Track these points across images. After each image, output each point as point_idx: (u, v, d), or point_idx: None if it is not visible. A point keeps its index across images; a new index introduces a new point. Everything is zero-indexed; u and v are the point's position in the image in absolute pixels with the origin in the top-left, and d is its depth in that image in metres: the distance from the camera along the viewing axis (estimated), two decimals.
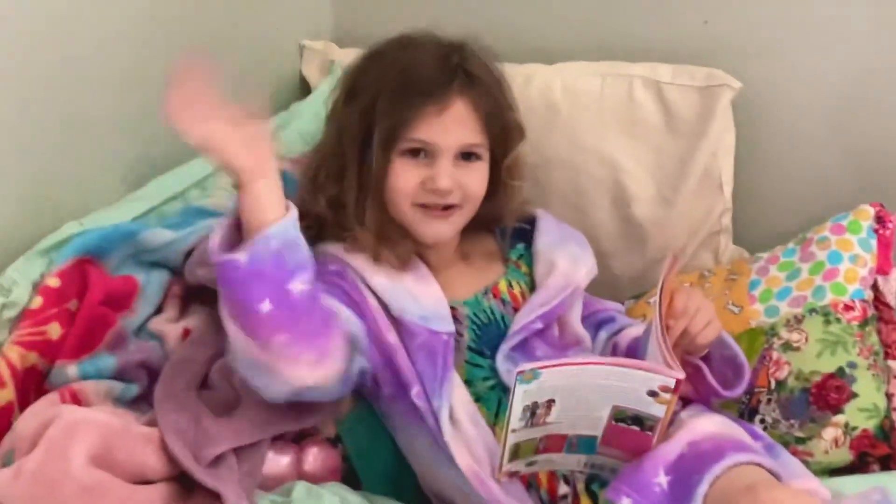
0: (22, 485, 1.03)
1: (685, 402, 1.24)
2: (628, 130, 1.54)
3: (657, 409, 1.07)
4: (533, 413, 1.09)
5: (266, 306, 1.07)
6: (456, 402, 1.19)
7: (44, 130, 1.35)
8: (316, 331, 1.13)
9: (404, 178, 1.22)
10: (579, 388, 1.08)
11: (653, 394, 1.07)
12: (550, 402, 1.09)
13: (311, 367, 1.13)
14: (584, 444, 1.13)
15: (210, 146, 1.07)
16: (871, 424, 1.26)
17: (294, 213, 1.10)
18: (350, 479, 1.25)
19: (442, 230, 1.24)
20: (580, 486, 1.16)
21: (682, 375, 1.07)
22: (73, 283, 1.24)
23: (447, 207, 1.24)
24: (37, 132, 1.35)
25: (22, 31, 1.28)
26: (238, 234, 1.10)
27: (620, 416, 1.10)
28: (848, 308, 1.32)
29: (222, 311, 1.11)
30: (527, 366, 1.05)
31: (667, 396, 1.06)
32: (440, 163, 1.21)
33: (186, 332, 1.28)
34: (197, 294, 1.31)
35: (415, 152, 1.23)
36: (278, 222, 1.07)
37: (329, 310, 1.15)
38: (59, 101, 1.37)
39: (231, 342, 1.12)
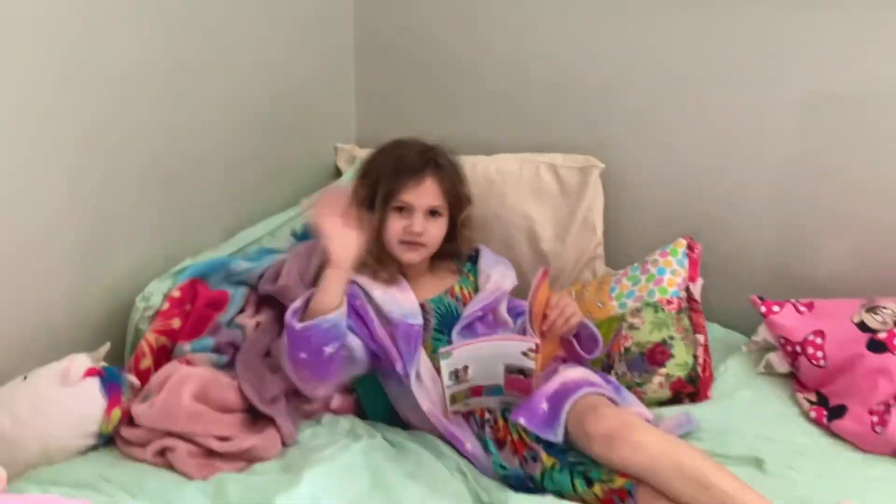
0: (153, 412, 1.12)
1: (564, 360, 1.28)
2: (536, 196, 1.55)
3: (530, 364, 1.14)
4: (457, 376, 1.16)
5: (303, 355, 1.17)
6: (422, 368, 1.24)
7: (171, 193, 1.40)
8: (328, 375, 1.22)
9: (394, 225, 1.29)
10: (480, 357, 1.16)
11: (525, 354, 1.13)
12: (466, 368, 1.16)
13: (318, 390, 1.24)
14: (495, 390, 1.20)
15: (328, 235, 1.20)
16: (683, 374, 1.31)
17: (345, 307, 1.20)
18: (360, 414, 1.31)
19: (413, 257, 1.31)
20: (498, 414, 1.21)
21: (537, 341, 1.13)
22: (188, 295, 1.31)
23: (420, 244, 1.31)
24: (165, 194, 1.40)
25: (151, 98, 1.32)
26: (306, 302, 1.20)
27: (511, 370, 1.16)
28: (669, 302, 1.36)
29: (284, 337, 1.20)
30: (444, 349, 1.14)
31: (533, 355, 1.13)
32: (415, 216, 1.29)
33: (258, 324, 1.33)
34: (265, 301, 1.37)
35: (400, 209, 1.30)
36: (334, 313, 1.17)
37: (341, 358, 1.21)
38: (181, 179, 1.42)
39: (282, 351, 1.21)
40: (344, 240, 1.21)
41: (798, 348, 1.28)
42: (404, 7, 1.70)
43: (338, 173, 1.75)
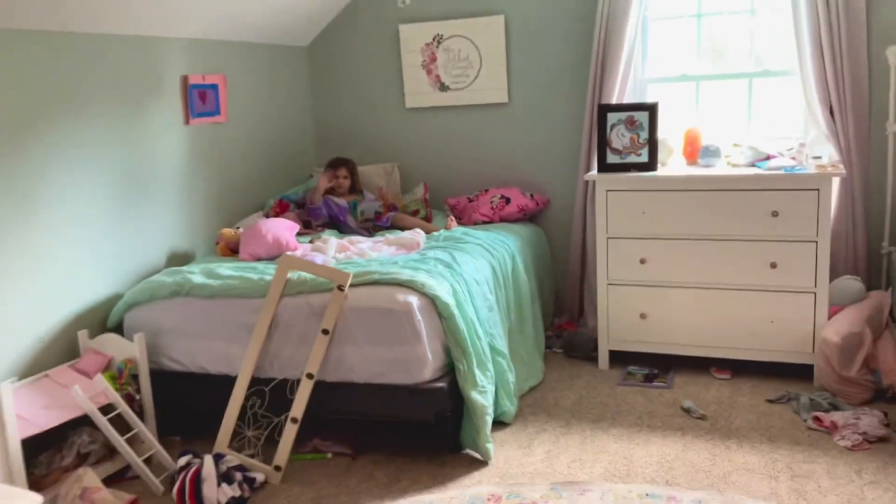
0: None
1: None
2: (381, 177, 4.60)
3: (380, 210, 4.16)
4: (361, 213, 4.24)
5: (316, 216, 4.21)
6: (349, 218, 4.26)
7: (270, 176, 4.41)
8: (320, 218, 4.22)
9: (333, 182, 4.35)
10: (366, 209, 4.17)
11: (379, 207, 4.18)
12: (363, 211, 4.21)
13: (320, 225, 4.21)
14: (371, 219, 4.20)
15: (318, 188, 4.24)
16: (423, 217, 4.42)
17: (321, 202, 4.25)
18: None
19: (340, 192, 4.35)
20: (372, 224, 4.28)
21: (381, 203, 4.24)
22: (278, 204, 4.25)
23: (340, 187, 4.37)
24: (266, 178, 4.41)
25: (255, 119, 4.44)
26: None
27: (376, 213, 4.16)
28: (420, 199, 4.48)
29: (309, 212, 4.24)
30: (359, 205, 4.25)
31: (381, 208, 4.19)
32: (340, 179, 4.32)
33: (299, 211, 4.31)
34: (299, 205, 4.34)
35: (335, 176, 4.36)
36: (317, 205, 4.23)
37: (323, 216, 4.21)
38: (264, 177, 4.42)
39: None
40: (321, 185, 4.27)
41: (455, 207, 4.47)
42: (330, 95, 4.85)
43: (311, 178, 4.77)
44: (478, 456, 3.01)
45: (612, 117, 3.83)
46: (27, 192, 2.96)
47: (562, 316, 4.53)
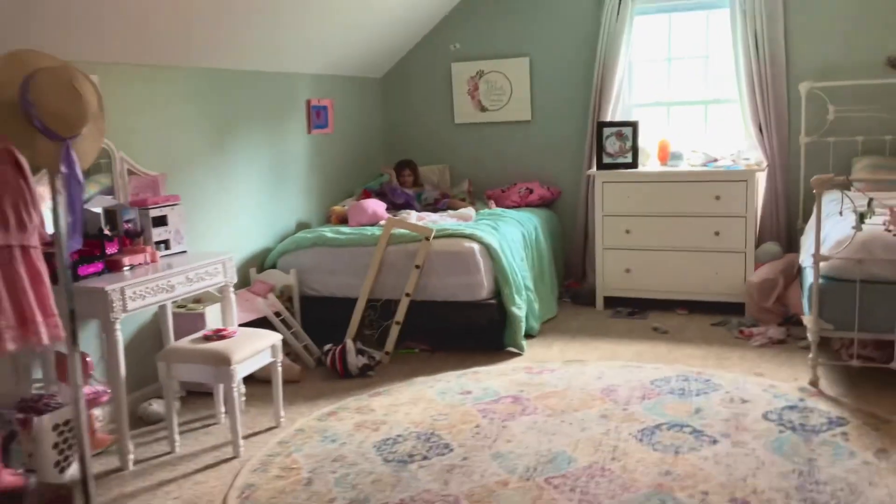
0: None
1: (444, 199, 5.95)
2: (436, 176, 6.24)
3: (437, 196, 5.81)
4: (426, 200, 5.81)
5: (399, 197, 5.77)
6: (415, 203, 5.83)
7: (359, 171, 5.97)
8: (397, 201, 5.77)
9: (400, 179, 5.93)
10: (428, 196, 5.78)
11: (437, 195, 5.80)
12: (426, 197, 5.82)
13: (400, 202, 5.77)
14: (432, 203, 5.82)
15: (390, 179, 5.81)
16: (462, 202, 5.98)
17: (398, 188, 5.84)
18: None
19: (407, 186, 5.93)
20: (434, 206, 5.83)
21: (439, 192, 5.82)
22: (364, 192, 5.82)
23: (406, 183, 5.92)
24: (361, 171, 5.97)
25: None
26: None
27: (435, 199, 5.79)
28: (466, 190, 6.01)
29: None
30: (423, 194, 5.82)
31: (439, 196, 5.81)
32: (404, 177, 5.89)
33: (378, 199, 5.87)
34: (377, 194, 5.89)
35: (401, 174, 5.89)
36: (397, 189, 5.80)
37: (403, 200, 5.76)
38: (354, 174, 6.02)
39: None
40: (393, 178, 5.85)
41: (491, 197, 6.02)
42: (397, 114, 6.45)
43: (381, 175, 6.34)
44: (516, 350, 4.56)
45: (606, 131, 5.40)
46: (224, 176, 4.55)
47: (569, 278, 6.07)
